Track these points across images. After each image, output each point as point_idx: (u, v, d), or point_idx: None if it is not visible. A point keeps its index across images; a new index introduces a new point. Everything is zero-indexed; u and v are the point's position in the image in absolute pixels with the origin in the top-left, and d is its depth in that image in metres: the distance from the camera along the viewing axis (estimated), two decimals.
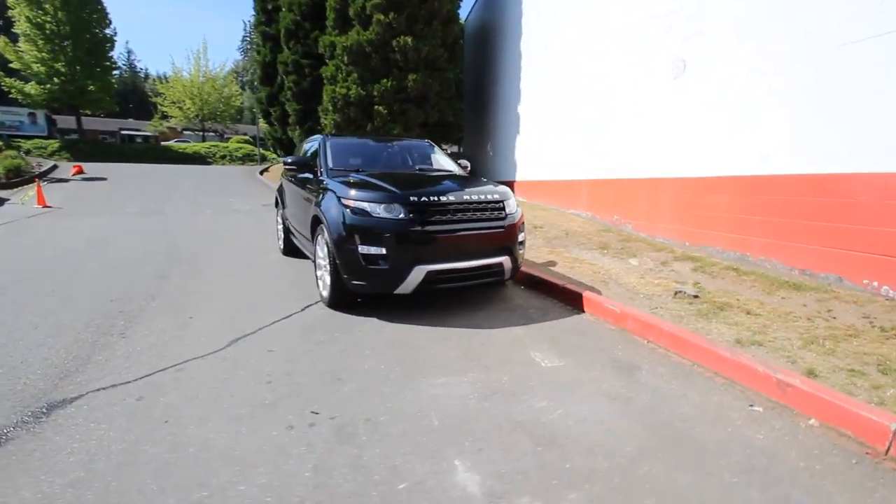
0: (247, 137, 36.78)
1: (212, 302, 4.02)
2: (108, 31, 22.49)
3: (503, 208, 3.81)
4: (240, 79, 47.61)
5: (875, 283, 3.44)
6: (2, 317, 3.54)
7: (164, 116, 32.98)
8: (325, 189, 3.94)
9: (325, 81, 12.71)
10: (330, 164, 4.40)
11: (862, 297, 3.42)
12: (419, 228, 3.41)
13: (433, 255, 3.46)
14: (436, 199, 3.53)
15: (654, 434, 2.04)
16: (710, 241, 5.07)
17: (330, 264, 3.66)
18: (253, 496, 1.65)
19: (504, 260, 3.79)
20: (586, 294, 3.78)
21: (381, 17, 11.41)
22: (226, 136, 38.54)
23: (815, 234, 3.91)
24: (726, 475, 1.77)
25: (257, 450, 1.92)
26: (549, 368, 2.70)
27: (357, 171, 4.35)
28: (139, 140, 36.75)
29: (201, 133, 36.06)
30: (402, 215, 3.43)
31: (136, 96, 52.63)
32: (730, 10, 4.77)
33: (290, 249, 5.98)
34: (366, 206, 3.49)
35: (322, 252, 3.93)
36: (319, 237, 3.96)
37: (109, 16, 22.37)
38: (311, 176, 4.57)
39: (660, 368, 2.70)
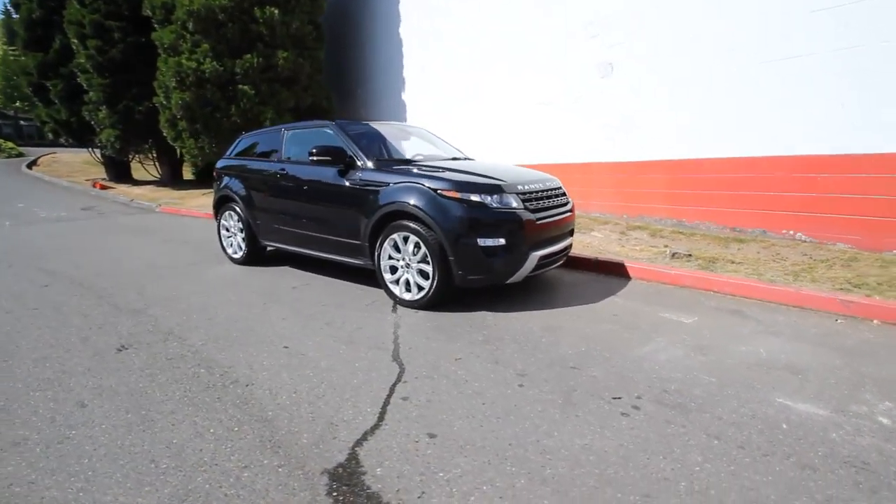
0: None
1: (267, 326, 3.30)
2: None
3: (565, 193, 4.14)
4: None
5: (792, 232, 5.01)
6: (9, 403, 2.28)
7: None
8: (400, 183, 3.61)
9: (161, 51, 10.38)
10: (373, 155, 3.97)
11: (789, 242, 4.97)
12: (532, 216, 3.50)
13: (539, 242, 3.59)
14: (532, 187, 3.66)
15: (838, 349, 2.78)
16: (647, 212, 6.34)
17: (434, 262, 3.43)
18: (738, 480, 1.74)
19: (572, 240, 4.15)
20: (629, 263, 4.45)
21: None
22: None
23: (740, 201, 5.38)
24: None
25: (644, 440, 1.94)
26: (696, 323, 3.24)
27: (407, 162, 4.05)
28: None
29: None
30: (515, 204, 3.46)
31: None
32: (649, 27, 5.98)
33: (255, 257, 5.10)
34: (476, 197, 3.39)
35: (399, 252, 3.64)
36: (395, 235, 3.62)
37: None
38: (332, 170, 4.03)
39: (753, 308, 3.52)
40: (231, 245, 5.29)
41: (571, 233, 4.15)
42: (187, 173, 15.46)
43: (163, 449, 1.93)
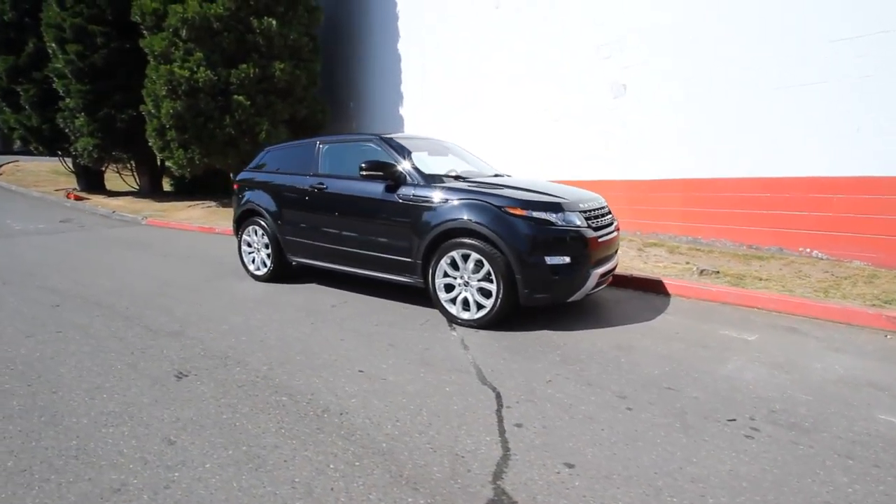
0: None
1: (328, 348, 3.16)
2: None
3: (611, 211, 4.18)
4: None
5: (808, 249, 5.23)
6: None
7: None
8: (460, 200, 3.55)
9: (150, 58, 9.98)
10: (424, 171, 3.90)
11: (807, 260, 5.18)
12: (594, 234, 3.51)
13: (599, 260, 3.60)
14: (590, 205, 3.67)
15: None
16: (660, 230, 6.49)
17: (498, 281, 3.36)
18: (893, 500, 1.74)
19: (617, 258, 4.17)
20: (667, 280, 4.51)
21: None
22: None
23: (756, 219, 5.59)
24: None
25: (783, 462, 1.92)
26: (759, 341, 3.29)
27: (456, 178, 3.99)
28: None
29: None
30: (579, 222, 3.45)
31: None
32: (663, 51, 6.21)
33: (280, 274, 4.89)
34: (543, 215, 3.37)
35: (457, 270, 3.58)
36: (454, 253, 3.54)
37: None
38: (379, 185, 3.94)
39: (803, 325, 3.62)
40: (254, 261, 5.05)
41: (617, 251, 4.18)
42: (166, 185, 14.83)
43: (289, 490, 1.76)
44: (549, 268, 3.32)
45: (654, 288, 4.55)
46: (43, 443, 2.07)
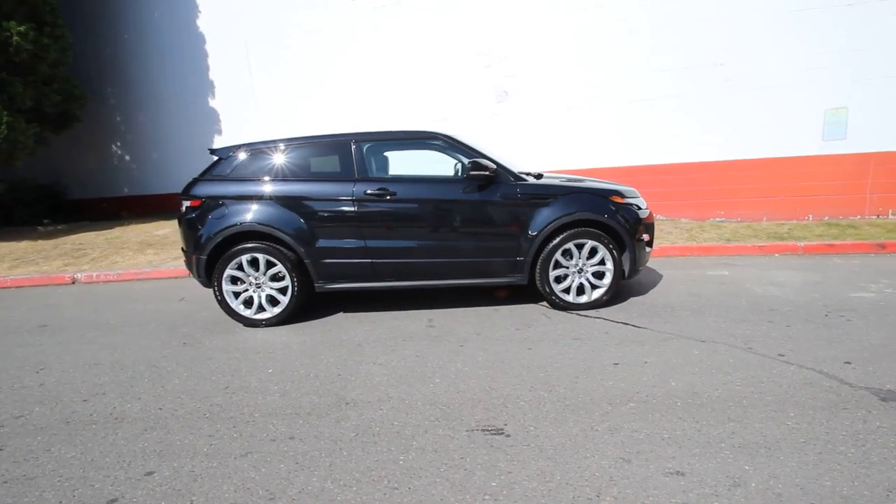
0: None
1: (562, 372, 3.07)
2: None
3: None
4: None
5: (681, 219, 7.48)
6: None
7: None
8: (570, 194, 3.81)
9: None
10: (513, 169, 3.87)
11: (684, 224, 7.37)
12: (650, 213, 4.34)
13: None
14: None
15: (814, 269, 4.82)
16: None
17: (614, 262, 3.79)
18: None
19: None
20: None
21: None
22: None
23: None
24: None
25: (884, 328, 3.22)
26: (731, 274, 4.77)
27: (528, 174, 4.11)
28: None
29: None
30: (646, 205, 4.21)
31: None
32: (543, 59, 7.52)
33: (298, 310, 3.92)
34: (635, 201, 4.02)
35: (570, 260, 3.86)
36: (569, 244, 3.76)
37: None
38: (463, 185, 3.74)
39: (730, 260, 5.38)
40: (251, 303, 3.73)
41: None
42: None
43: None
44: (645, 244, 3.97)
45: None
46: None
